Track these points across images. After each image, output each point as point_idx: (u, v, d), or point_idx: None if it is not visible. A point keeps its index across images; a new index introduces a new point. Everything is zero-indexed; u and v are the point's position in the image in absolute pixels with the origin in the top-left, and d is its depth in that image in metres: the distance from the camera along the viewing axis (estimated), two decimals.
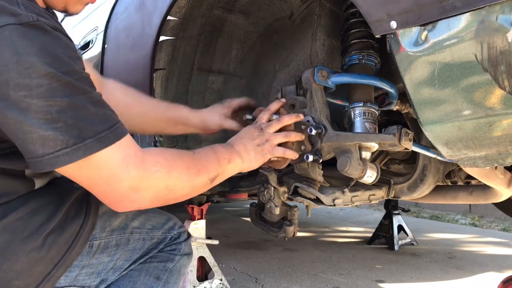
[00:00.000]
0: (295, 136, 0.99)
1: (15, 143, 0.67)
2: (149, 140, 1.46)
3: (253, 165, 0.95)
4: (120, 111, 0.79)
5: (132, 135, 0.78)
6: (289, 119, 0.99)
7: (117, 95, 1.09)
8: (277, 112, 1.05)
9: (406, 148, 0.94)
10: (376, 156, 1.65)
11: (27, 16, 0.64)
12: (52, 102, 0.64)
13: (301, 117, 1.00)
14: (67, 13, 0.87)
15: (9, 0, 0.65)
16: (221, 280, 1.88)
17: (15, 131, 0.64)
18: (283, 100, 1.06)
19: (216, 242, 1.87)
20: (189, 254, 1.00)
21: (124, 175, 0.71)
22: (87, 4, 0.89)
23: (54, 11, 0.85)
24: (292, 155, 0.98)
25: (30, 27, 0.64)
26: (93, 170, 0.69)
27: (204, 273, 1.91)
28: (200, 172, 0.82)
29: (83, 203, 0.82)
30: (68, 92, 0.65)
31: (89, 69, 1.04)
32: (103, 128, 0.68)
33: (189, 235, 1.01)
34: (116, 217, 0.88)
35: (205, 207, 2.01)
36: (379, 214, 4.26)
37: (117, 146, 0.70)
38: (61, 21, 2.56)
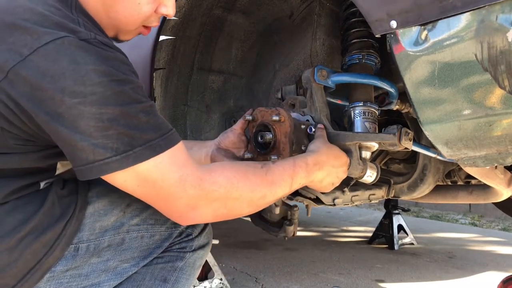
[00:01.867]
0: None
1: (63, 151, 0.68)
2: None
3: (313, 186, 0.92)
4: None
5: None
6: None
7: None
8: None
9: (406, 148, 0.94)
10: (376, 156, 1.65)
11: (86, 33, 0.68)
12: (104, 110, 0.64)
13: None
14: (117, 40, 0.89)
15: (71, 19, 0.69)
16: (221, 279, 1.88)
17: (66, 139, 0.65)
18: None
19: (216, 242, 1.87)
20: (205, 245, 0.92)
21: (181, 194, 0.70)
22: (139, 34, 0.90)
23: None
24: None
25: (88, 42, 0.67)
26: (147, 183, 0.69)
27: (204, 272, 1.91)
28: (265, 196, 0.78)
29: (71, 203, 0.77)
30: (121, 101, 0.66)
31: None
32: (154, 136, 0.68)
33: (206, 225, 0.92)
34: (110, 215, 0.81)
35: None
36: (379, 214, 4.26)
37: (171, 155, 0.70)
38: None
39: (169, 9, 0.85)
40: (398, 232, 3.00)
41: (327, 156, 0.90)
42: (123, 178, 0.68)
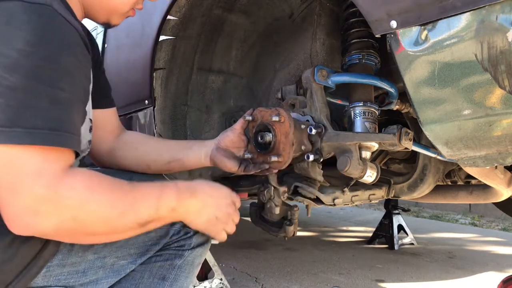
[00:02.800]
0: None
1: None
2: None
3: (194, 224, 0.82)
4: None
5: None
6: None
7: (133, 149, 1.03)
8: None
9: (406, 148, 0.94)
10: (376, 156, 1.65)
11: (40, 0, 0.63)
12: (8, 75, 0.59)
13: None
14: (109, 25, 0.88)
15: None
16: (221, 279, 1.88)
17: None
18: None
19: (216, 241, 1.87)
20: (203, 243, 0.88)
21: (26, 189, 0.59)
22: (128, 16, 0.90)
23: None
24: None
25: (36, 6, 0.63)
26: (3, 165, 0.60)
27: (204, 272, 1.91)
28: (125, 214, 0.68)
29: None
30: (32, 75, 0.61)
31: (113, 113, 1.01)
32: (43, 126, 0.60)
33: None
34: None
35: None
36: (379, 214, 4.26)
37: (44, 153, 0.61)
38: None
39: None
40: (398, 232, 3.01)
41: (200, 183, 0.83)
42: None
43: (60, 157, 0.63)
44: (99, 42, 1.90)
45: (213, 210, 0.82)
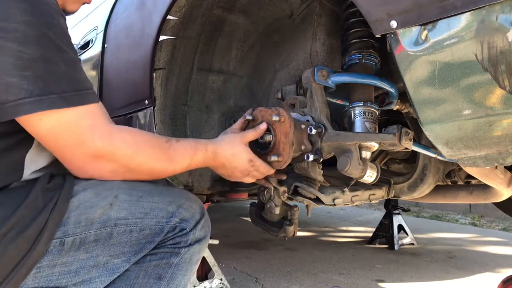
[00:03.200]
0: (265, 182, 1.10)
1: None
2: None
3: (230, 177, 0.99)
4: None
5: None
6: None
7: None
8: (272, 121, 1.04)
9: (406, 148, 0.94)
10: (376, 156, 1.65)
11: None
12: (25, 49, 0.65)
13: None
14: (65, 11, 0.89)
15: None
16: (221, 279, 1.88)
17: None
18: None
19: (216, 241, 1.87)
20: (202, 239, 0.86)
21: (89, 143, 0.73)
22: (83, 3, 0.92)
23: None
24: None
25: None
26: (59, 129, 0.70)
27: (204, 272, 1.91)
28: (164, 167, 0.83)
29: (54, 196, 0.74)
30: (43, 44, 0.67)
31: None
32: (69, 89, 0.70)
33: (201, 217, 0.86)
34: (96, 207, 0.76)
35: (205, 206, 2.00)
36: (379, 214, 4.26)
37: (85, 110, 0.72)
38: None
39: None
40: (398, 232, 3.00)
41: (224, 149, 0.95)
42: (38, 117, 0.69)
43: (98, 113, 0.75)
44: (99, 42, 1.90)
45: (230, 171, 0.98)
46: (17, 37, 0.64)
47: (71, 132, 0.72)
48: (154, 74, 1.39)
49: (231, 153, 0.95)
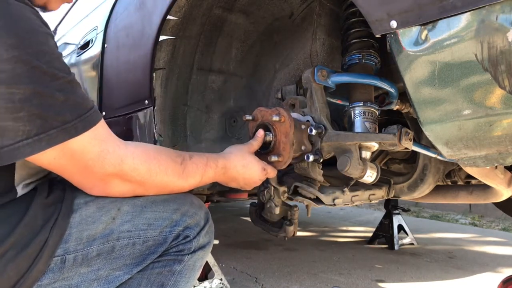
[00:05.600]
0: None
1: None
2: (149, 140, 1.46)
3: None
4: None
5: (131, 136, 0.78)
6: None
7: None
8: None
9: (406, 148, 0.94)
10: (376, 156, 1.65)
11: None
12: (15, 90, 0.59)
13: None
14: (46, 9, 0.85)
15: None
16: (221, 279, 1.88)
17: None
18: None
19: (216, 242, 1.87)
20: (205, 245, 0.85)
21: (99, 169, 0.71)
22: (64, 2, 0.88)
23: None
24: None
25: None
26: (63, 159, 0.67)
27: (204, 273, 1.91)
28: (177, 183, 0.82)
29: (54, 212, 0.72)
30: (34, 78, 0.61)
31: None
32: (71, 117, 0.66)
33: (205, 223, 0.86)
34: (98, 222, 0.75)
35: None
36: (379, 214, 4.26)
37: (90, 135, 0.69)
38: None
39: None
40: (398, 232, 3.00)
41: (235, 163, 0.94)
42: (39, 154, 0.65)
43: (104, 135, 0.72)
44: (99, 42, 1.90)
45: (242, 183, 0.97)
46: (3, 78, 0.59)
47: (77, 161, 0.69)
48: (154, 74, 1.39)
49: (242, 165, 0.95)
